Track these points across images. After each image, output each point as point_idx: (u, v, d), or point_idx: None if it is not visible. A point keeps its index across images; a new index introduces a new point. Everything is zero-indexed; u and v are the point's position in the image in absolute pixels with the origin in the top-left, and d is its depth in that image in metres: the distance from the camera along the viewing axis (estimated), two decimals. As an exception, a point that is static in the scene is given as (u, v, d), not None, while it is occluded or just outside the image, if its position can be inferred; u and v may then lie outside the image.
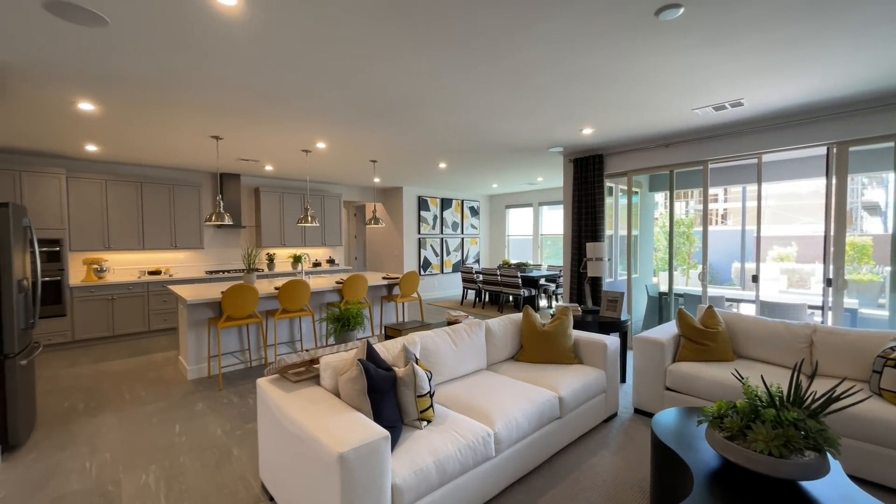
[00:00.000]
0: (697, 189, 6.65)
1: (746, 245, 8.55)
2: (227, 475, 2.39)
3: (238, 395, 3.59)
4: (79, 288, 5.21)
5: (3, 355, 2.59)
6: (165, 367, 4.39)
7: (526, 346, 3.08)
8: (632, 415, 3.13)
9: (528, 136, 4.44)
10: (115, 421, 3.11)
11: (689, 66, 2.66)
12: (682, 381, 2.88)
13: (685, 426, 2.05)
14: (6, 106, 3.30)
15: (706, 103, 3.36)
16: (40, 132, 4.11)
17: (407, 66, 2.63)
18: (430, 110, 3.52)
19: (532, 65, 2.62)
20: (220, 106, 3.37)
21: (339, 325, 2.80)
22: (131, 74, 2.72)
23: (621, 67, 2.67)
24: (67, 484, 2.32)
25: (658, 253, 8.54)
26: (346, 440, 1.55)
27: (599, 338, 3.03)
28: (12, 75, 2.71)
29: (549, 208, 9.42)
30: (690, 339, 3.04)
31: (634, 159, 4.90)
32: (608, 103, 3.38)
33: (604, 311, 3.76)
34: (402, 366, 2.17)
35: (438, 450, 1.85)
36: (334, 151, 5.14)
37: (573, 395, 2.60)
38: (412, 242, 8.83)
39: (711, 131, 4.20)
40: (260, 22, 2.09)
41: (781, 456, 1.52)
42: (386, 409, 1.90)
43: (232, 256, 6.97)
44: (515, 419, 2.21)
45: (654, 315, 5.55)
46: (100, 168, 5.74)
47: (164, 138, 4.41)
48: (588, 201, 5.19)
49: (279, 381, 2.17)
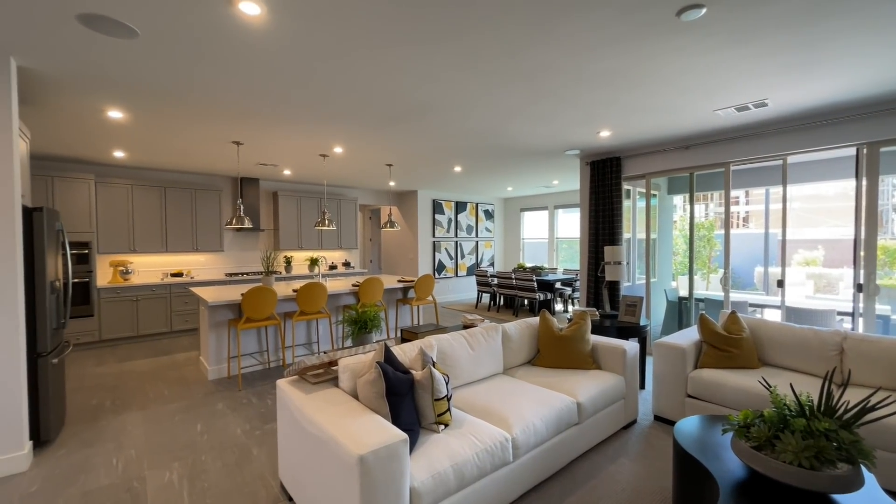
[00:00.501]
0: (718, 191, 6.50)
1: (770, 249, 8.31)
2: (247, 474, 2.43)
3: (257, 396, 3.65)
4: (106, 289, 5.38)
5: (36, 354, 2.69)
6: (187, 367, 4.50)
7: (543, 350, 3.05)
8: (652, 422, 3.07)
9: (544, 138, 4.42)
10: (140, 419, 3.20)
11: (711, 67, 2.61)
12: (704, 389, 2.81)
13: (709, 435, 1.99)
14: (41, 114, 3.45)
15: (728, 104, 3.29)
16: (72, 139, 4.28)
17: (425, 72, 2.66)
18: (447, 114, 3.54)
19: (550, 68, 2.62)
20: (242, 112, 3.45)
21: (357, 327, 2.83)
22: (158, 83, 2.81)
23: (641, 69, 2.64)
24: (96, 479, 2.39)
25: (677, 257, 8.37)
26: (365, 442, 1.56)
27: (618, 343, 2.98)
28: (48, 85, 2.84)
29: (565, 211, 9.34)
30: (713, 346, 2.97)
31: (653, 161, 4.83)
32: (626, 106, 3.34)
33: (622, 316, 3.70)
34: (420, 369, 2.18)
35: (456, 454, 1.84)
36: (351, 156, 5.21)
37: (591, 401, 2.57)
38: (427, 246, 8.86)
39: (733, 132, 4.11)
40: (281, 30, 2.13)
41: (812, 468, 1.46)
42: (404, 412, 1.91)
43: (251, 259, 7.10)
44: (533, 424, 2.19)
45: (673, 320, 5.43)
46: (126, 173, 5.94)
47: (188, 144, 4.53)
48: (605, 204, 5.13)
49: (298, 382, 2.20)
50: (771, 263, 8.23)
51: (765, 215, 9.11)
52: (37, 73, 2.64)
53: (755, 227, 10.33)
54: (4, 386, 2.41)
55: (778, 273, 7.16)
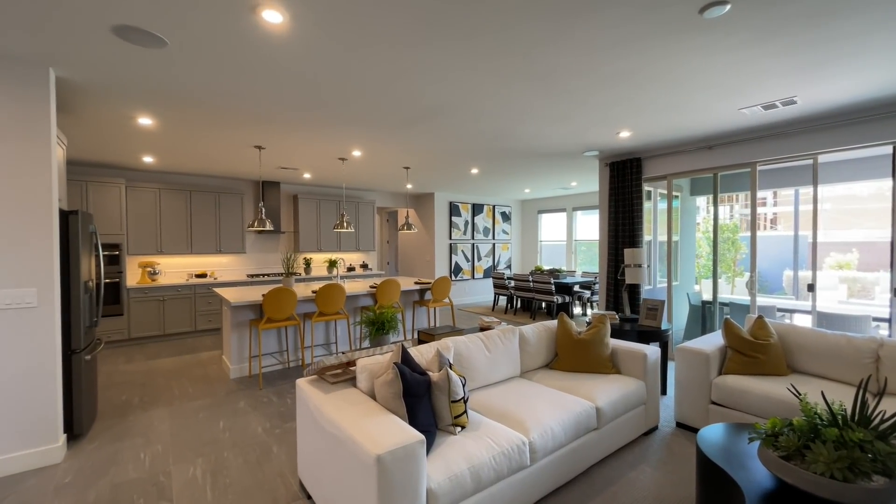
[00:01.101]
0: (744, 192, 6.30)
1: (800, 251, 8.00)
2: (267, 472, 2.47)
3: (277, 395, 3.73)
4: (134, 289, 5.59)
5: (70, 350, 2.82)
6: (210, 366, 4.62)
7: (561, 354, 3.02)
8: (673, 429, 2.99)
9: (562, 140, 4.38)
10: (166, 415, 3.30)
11: (736, 65, 2.54)
12: (729, 396, 2.72)
13: (734, 443, 1.93)
14: (76, 122, 3.62)
15: (754, 102, 3.20)
16: (104, 145, 4.47)
17: (441, 75, 2.67)
18: (463, 116, 3.55)
19: (569, 69, 2.60)
20: (263, 117, 3.54)
21: (374, 328, 2.85)
22: (185, 90, 2.92)
23: (662, 68, 2.59)
24: (124, 472, 2.48)
25: (700, 260, 8.14)
26: (383, 442, 1.57)
27: (639, 347, 2.92)
28: (83, 94, 2.97)
29: (584, 213, 9.21)
30: (738, 351, 2.88)
31: (675, 162, 4.72)
32: (647, 105, 3.28)
33: (643, 320, 3.62)
34: (437, 371, 2.18)
35: (473, 456, 1.84)
36: (369, 159, 5.27)
37: (611, 406, 2.52)
38: (443, 248, 8.88)
39: (760, 131, 3.98)
40: (302, 37, 2.18)
41: (845, 480, 1.40)
42: (421, 413, 1.92)
43: (271, 261, 7.26)
44: (551, 428, 2.17)
45: (696, 324, 5.29)
46: (154, 178, 6.17)
47: (212, 149, 4.68)
48: (625, 206, 5.04)
49: (317, 382, 2.23)
50: (801, 267, 7.92)
51: (794, 217, 8.79)
52: (73, 83, 2.78)
53: (784, 228, 9.96)
54: (42, 381, 2.53)
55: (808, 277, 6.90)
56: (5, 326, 2.43)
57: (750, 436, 1.70)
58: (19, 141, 2.47)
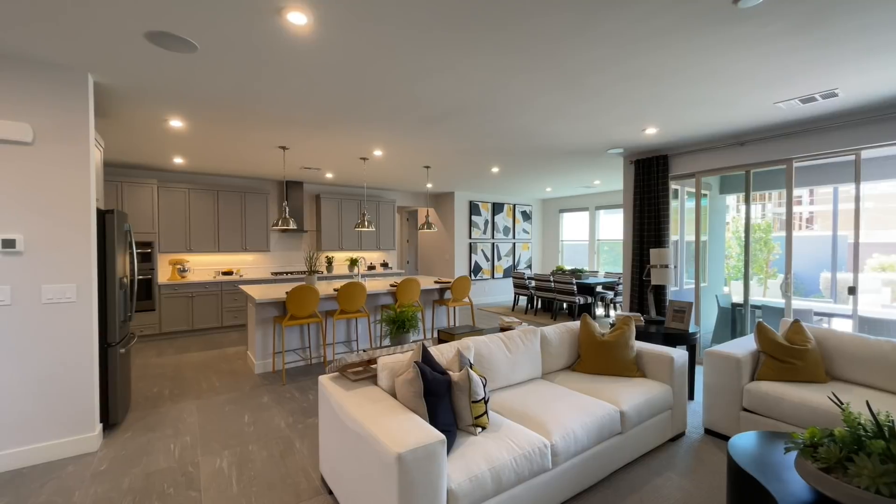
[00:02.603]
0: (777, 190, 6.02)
1: (839, 252, 7.60)
2: (290, 466, 2.52)
3: (299, 391, 3.80)
4: (165, 286, 5.81)
5: (106, 344, 2.94)
6: (236, 361, 4.75)
7: (584, 355, 2.96)
8: (702, 435, 2.89)
9: (585, 137, 4.29)
10: (195, 407, 3.41)
11: (773, 56, 2.43)
12: (762, 403, 2.61)
13: (768, 452, 1.84)
14: (111, 125, 3.78)
15: (791, 95, 3.05)
16: (138, 147, 4.66)
17: (464, 74, 2.66)
18: (485, 115, 3.52)
19: (594, 64, 2.54)
20: (288, 118, 3.61)
21: (395, 326, 2.87)
22: (214, 93, 3.00)
23: (694, 62, 2.50)
24: (156, 462, 2.57)
25: (730, 261, 7.85)
26: (403, 441, 1.57)
27: (665, 350, 2.83)
28: (118, 99, 3.10)
29: (607, 212, 9.02)
30: (772, 356, 2.75)
31: (703, 159, 4.56)
32: (676, 101, 3.17)
33: (669, 322, 3.51)
34: (457, 370, 2.17)
35: (494, 458, 1.82)
36: (390, 158, 5.31)
37: (636, 410, 2.45)
38: (463, 247, 8.86)
39: (797, 126, 3.79)
40: (326, 38, 2.21)
41: (893, 495, 1.31)
42: (441, 412, 1.91)
43: (294, 259, 7.41)
44: (573, 431, 2.12)
45: (725, 328, 5.10)
46: (184, 178, 6.39)
47: (239, 149, 4.80)
48: (651, 205, 4.90)
49: (339, 379, 2.26)
50: (840, 268, 7.53)
51: (833, 216, 8.36)
52: (110, 88, 2.90)
53: (820, 228, 9.49)
54: (80, 373, 2.66)
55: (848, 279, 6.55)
56: (47, 320, 2.56)
57: (786, 445, 1.62)
58: (61, 144, 2.59)
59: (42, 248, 2.55)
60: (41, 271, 2.54)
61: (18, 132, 2.45)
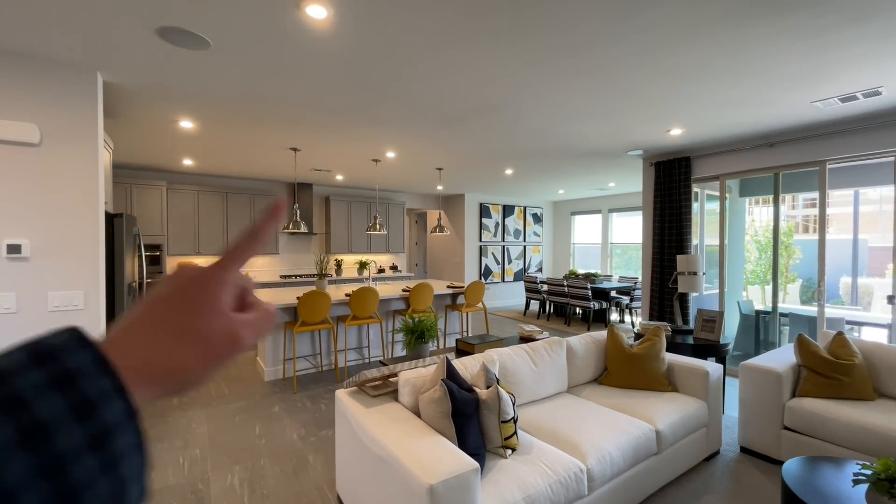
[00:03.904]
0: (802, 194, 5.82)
1: (860, 256, 7.36)
2: (304, 483, 2.40)
3: (311, 400, 3.68)
4: (174, 289, 5.72)
5: (114, 352, 2.84)
6: (245, 367, 4.65)
7: (611, 368, 2.81)
8: (737, 454, 2.72)
9: (605, 138, 4.14)
10: (204, 417, 3.31)
11: (818, 51, 2.27)
12: (806, 421, 2.44)
13: (829, 482, 1.69)
14: (121, 127, 3.70)
15: (832, 94, 2.88)
16: (147, 148, 4.58)
17: (485, 72, 2.52)
18: (503, 114, 3.39)
19: (623, 60, 2.39)
20: (300, 118, 3.50)
21: (414, 336, 2.74)
22: (226, 92, 2.90)
23: (731, 58, 2.35)
24: (165, 478, 2.46)
25: (747, 265, 7.63)
26: (434, 470, 1.44)
27: (699, 363, 2.68)
28: (128, 98, 3.01)
29: (620, 215, 8.83)
30: (815, 371, 2.58)
31: (728, 161, 4.39)
32: (705, 100, 3.02)
33: (698, 333, 3.35)
34: (483, 386, 2.04)
35: (528, 484, 1.68)
36: (402, 160, 5.19)
37: (671, 429, 2.30)
38: (473, 250, 8.72)
39: (832, 126, 3.62)
40: (345, 33, 2.09)
41: None
42: (470, 434, 1.78)
43: (303, 262, 7.31)
44: (609, 453, 1.98)
45: (747, 336, 4.92)
46: (193, 180, 6.31)
47: (249, 151, 4.71)
48: (672, 208, 4.74)
49: (357, 394, 2.13)
50: (861, 273, 7.30)
51: (854, 219, 8.13)
52: (120, 87, 2.80)
53: (836, 232, 9.24)
54: (87, 382, 2.55)
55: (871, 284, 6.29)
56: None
57: (855, 477, 1.47)
58: (69, 145, 2.49)
59: (49, 253, 2.45)
60: (48, 278, 2.44)
61: (25, 133, 2.36)
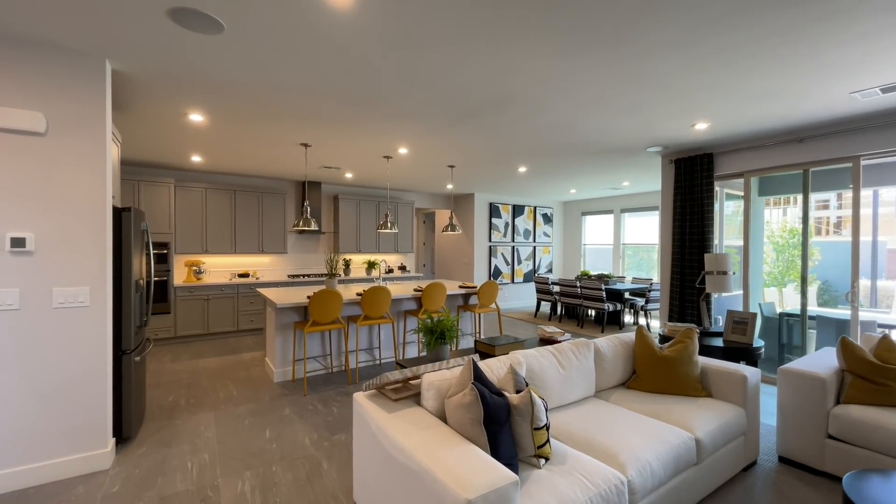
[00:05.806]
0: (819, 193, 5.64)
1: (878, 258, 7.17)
2: (318, 491, 2.27)
3: (322, 402, 3.55)
4: (181, 288, 5.63)
5: (120, 351, 2.73)
6: (253, 368, 4.54)
7: (640, 372, 2.66)
8: (776, 464, 2.57)
9: (626, 133, 4.00)
10: (212, 419, 3.19)
11: (868, 36, 2.13)
12: (853, 430, 2.28)
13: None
14: (129, 121, 3.60)
15: (874, 83, 2.73)
16: (155, 144, 4.48)
17: (507, 62, 2.39)
18: (523, 109, 3.26)
19: (657, 48, 2.26)
20: (314, 111, 3.39)
21: (433, 337, 2.62)
22: (239, 81, 2.79)
23: (770, 43, 2.21)
24: (172, 484, 2.34)
25: (765, 267, 7.45)
26: (470, 482, 1.30)
27: (735, 367, 2.53)
28: (137, 89, 2.90)
29: (632, 215, 8.66)
30: (862, 377, 2.42)
31: (753, 158, 4.23)
32: (737, 91, 2.88)
33: (728, 335, 3.19)
34: (511, 390, 1.90)
35: (567, 498, 1.54)
36: (414, 157, 5.07)
37: (711, 437, 2.15)
38: (482, 250, 8.59)
39: (868, 120, 3.46)
40: (367, 17, 1.97)
41: None
42: (503, 442, 1.64)
43: (312, 261, 7.21)
44: (649, 464, 1.84)
45: (769, 339, 4.74)
46: (201, 177, 6.23)
47: (259, 146, 4.61)
48: (693, 207, 4.58)
49: (378, 397, 2.00)
50: (879, 275, 7.11)
51: (872, 220, 7.93)
52: (129, 77, 2.70)
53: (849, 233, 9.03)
54: (93, 384, 2.44)
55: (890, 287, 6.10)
56: (59, 327, 2.35)
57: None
58: (76, 136, 2.39)
59: (54, 247, 2.35)
60: (52, 273, 2.34)
61: (30, 122, 2.26)
